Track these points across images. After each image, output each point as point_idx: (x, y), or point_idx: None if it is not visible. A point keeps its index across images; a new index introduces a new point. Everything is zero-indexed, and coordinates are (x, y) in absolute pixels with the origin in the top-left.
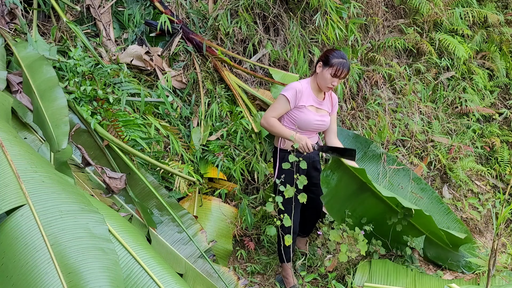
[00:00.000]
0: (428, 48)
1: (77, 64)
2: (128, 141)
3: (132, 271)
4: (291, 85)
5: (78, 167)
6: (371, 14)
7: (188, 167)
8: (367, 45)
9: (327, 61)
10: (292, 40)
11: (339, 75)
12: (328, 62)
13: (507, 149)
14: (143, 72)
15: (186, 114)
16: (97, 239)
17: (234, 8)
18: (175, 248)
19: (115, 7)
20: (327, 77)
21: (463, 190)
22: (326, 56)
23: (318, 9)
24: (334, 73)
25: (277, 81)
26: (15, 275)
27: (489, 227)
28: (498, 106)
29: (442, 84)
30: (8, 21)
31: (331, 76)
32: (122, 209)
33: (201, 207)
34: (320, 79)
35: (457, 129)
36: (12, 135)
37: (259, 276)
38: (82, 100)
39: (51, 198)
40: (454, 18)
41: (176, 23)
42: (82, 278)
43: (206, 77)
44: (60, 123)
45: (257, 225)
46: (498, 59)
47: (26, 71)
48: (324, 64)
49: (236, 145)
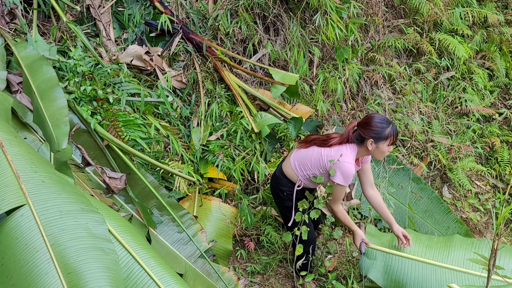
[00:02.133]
0: (428, 48)
1: (77, 64)
2: (128, 141)
3: (132, 271)
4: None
5: (78, 167)
6: (371, 14)
7: (188, 167)
8: (367, 45)
9: (378, 136)
10: (292, 40)
11: (394, 141)
12: (381, 137)
13: (507, 149)
14: (143, 72)
15: (186, 114)
16: (97, 239)
17: (234, 8)
18: (175, 248)
19: (115, 7)
20: (385, 149)
21: (463, 190)
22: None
23: (318, 9)
24: (390, 143)
25: (277, 81)
26: (15, 275)
27: (489, 227)
28: (498, 106)
29: (442, 84)
30: (8, 21)
31: (388, 146)
32: (122, 209)
33: (201, 207)
34: (376, 154)
35: (457, 129)
36: (12, 135)
37: (259, 276)
38: (82, 100)
39: (51, 198)
40: (454, 18)
41: (176, 23)
42: (82, 278)
43: (206, 77)
44: (60, 123)
45: (257, 225)
46: (498, 59)
47: (26, 71)
48: (377, 140)
49: (236, 145)
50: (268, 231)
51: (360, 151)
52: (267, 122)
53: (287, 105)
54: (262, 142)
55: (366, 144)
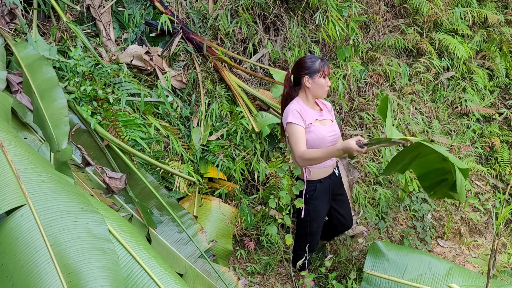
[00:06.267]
0: (428, 48)
1: (77, 64)
2: (128, 141)
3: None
4: (288, 109)
5: (78, 167)
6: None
7: (188, 167)
8: (367, 45)
9: (310, 70)
10: (292, 39)
11: (328, 73)
12: (312, 71)
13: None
14: (143, 72)
15: (186, 114)
16: (97, 239)
17: (234, 8)
18: (175, 248)
19: (115, 7)
20: (321, 82)
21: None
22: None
23: (318, 8)
24: (323, 74)
25: (277, 81)
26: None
27: (489, 227)
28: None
29: (442, 84)
30: (8, 21)
31: (323, 79)
32: (122, 209)
33: (201, 207)
34: (316, 90)
35: (457, 129)
36: (12, 135)
37: (259, 276)
38: (82, 100)
39: (51, 198)
40: (454, 18)
41: (176, 23)
42: (82, 278)
43: (206, 77)
44: (60, 123)
45: (257, 225)
46: (498, 59)
47: (26, 71)
48: (310, 74)
49: (236, 145)
50: (268, 231)
51: (304, 95)
52: (267, 122)
53: None
54: (263, 141)
55: (304, 84)
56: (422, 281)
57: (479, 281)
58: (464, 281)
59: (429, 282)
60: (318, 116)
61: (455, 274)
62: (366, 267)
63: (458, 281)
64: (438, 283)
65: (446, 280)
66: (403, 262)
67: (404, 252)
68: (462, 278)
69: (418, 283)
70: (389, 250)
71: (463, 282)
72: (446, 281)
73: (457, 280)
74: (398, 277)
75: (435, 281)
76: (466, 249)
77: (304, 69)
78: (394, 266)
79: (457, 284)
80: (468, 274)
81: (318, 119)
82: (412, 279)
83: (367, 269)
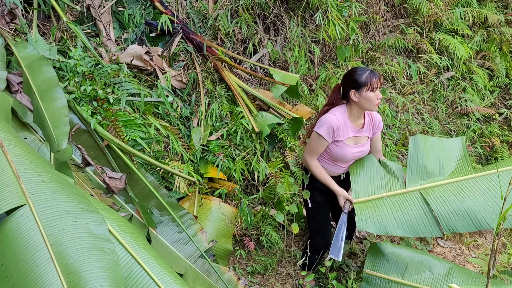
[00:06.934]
0: (428, 48)
1: (77, 64)
2: (128, 141)
3: (132, 271)
4: (325, 120)
5: (78, 167)
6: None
7: (188, 167)
8: (368, 45)
9: (357, 84)
10: (293, 39)
11: (377, 86)
12: (360, 84)
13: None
14: (143, 72)
15: (186, 114)
16: (97, 239)
17: (234, 8)
18: (175, 248)
19: (115, 7)
20: (369, 96)
21: None
22: (353, 81)
23: (318, 8)
24: (371, 88)
25: (277, 81)
26: (15, 275)
27: None
28: (498, 106)
29: (442, 84)
30: (8, 21)
31: (372, 92)
32: (122, 209)
33: (201, 207)
34: (363, 104)
35: (457, 129)
36: (12, 135)
37: (259, 276)
38: (82, 100)
39: (51, 198)
40: (454, 18)
41: (176, 23)
42: (82, 278)
43: (206, 77)
44: (60, 123)
45: (257, 225)
46: (498, 59)
47: (26, 71)
48: (357, 88)
49: (236, 145)
50: (268, 231)
51: (350, 109)
52: (267, 122)
53: (287, 105)
54: (263, 141)
55: (351, 98)
56: (422, 281)
57: (479, 281)
58: (464, 281)
59: (429, 282)
60: (355, 133)
61: (455, 274)
62: (366, 267)
63: (458, 281)
64: (438, 283)
65: (446, 280)
66: (403, 262)
67: (404, 252)
68: (462, 278)
69: (418, 283)
70: (389, 250)
71: (463, 282)
72: (446, 281)
73: (457, 280)
74: (398, 277)
75: (435, 281)
76: (466, 249)
77: (350, 82)
78: (394, 266)
79: (457, 284)
80: (468, 274)
81: (353, 136)
82: (412, 279)
83: (367, 269)
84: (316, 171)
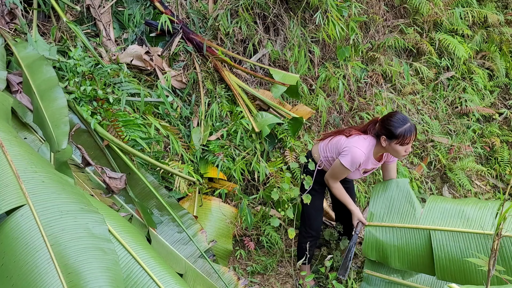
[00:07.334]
0: (428, 48)
1: (77, 64)
2: (128, 141)
3: (132, 271)
4: (352, 154)
5: (78, 167)
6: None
7: (188, 167)
8: (367, 45)
9: (390, 134)
10: (292, 39)
11: (409, 141)
12: (392, 135)
13: (507, 149)
14: (143, 72)
15: (186, 114)
16: (97, 239)
17: (234, 8)
18: (175, 248)
19: (115, 7)
20: (398, 148)
21: (463, 190)
22: (387, 130)
23: (318, 8)
24: (403, 142)
25: (277, 81)
26: (15, 275)
27: None
28: (498, 106)
29: (442, 84)
30: (8, 21)
31: (401, 146)
32: (122, 209)
33: (201, 207)
34: (390, 152)
35: (457, 129)
36: (12, 135)
37: (259, 276)
38: (82, 100)
39: (51, 198)
40: (454, 18)
41: (176, 23)
42: (82, 278)
43: (206, 77)
44: (60, 123)
45: (257, 225)
46: (498, 59)
47: (26, 71)
48: (389, 137)
49: (236, 145)
50: (268, 231)
51: (377, 146)
52: (267, 122)
53: (287, 105)
54: (263, 141)
55: (380, 140)
56: (422, 281)
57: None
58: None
59: (429, 282)
60: (373, 165)
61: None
62: (366, 267)
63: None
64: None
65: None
66: None
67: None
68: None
69: (418, 284)
70: None
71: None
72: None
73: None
74: (398, 278)
75: (435, 281)
76: None
77: (385, 129)
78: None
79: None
80: None
81: (369, 168)
82: (412, 280)
83: (367, 269)
84: (338, 193)
